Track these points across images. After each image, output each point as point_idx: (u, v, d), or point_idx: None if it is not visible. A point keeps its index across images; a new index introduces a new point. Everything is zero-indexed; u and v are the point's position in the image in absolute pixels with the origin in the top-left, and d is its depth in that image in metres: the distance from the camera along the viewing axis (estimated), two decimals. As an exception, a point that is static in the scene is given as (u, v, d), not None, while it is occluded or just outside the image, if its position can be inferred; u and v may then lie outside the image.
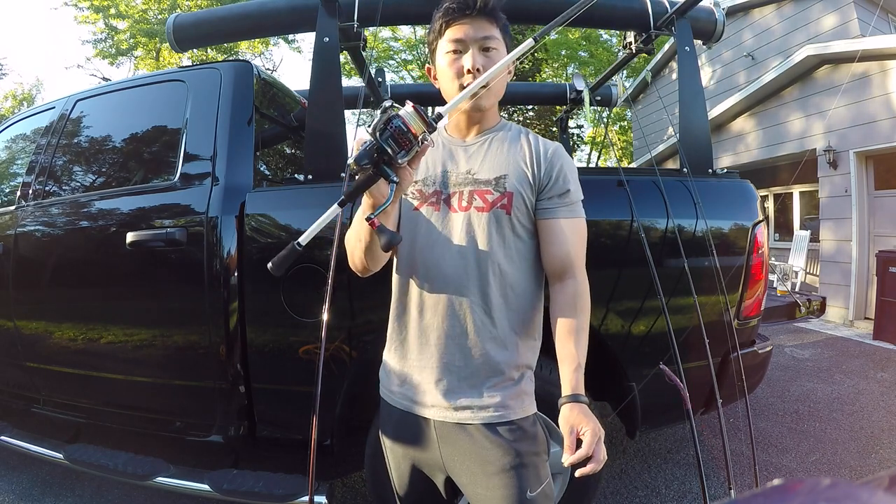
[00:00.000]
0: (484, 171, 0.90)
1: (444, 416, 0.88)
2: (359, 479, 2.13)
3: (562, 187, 0.90)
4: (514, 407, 0.89)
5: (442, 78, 0.92)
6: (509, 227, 0.88)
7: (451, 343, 0.88)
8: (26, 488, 2.11)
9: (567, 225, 0.90)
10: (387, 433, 0.98)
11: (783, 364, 3.91)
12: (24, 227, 1.88)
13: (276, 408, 1.61)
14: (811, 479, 0.18)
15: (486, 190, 0.89)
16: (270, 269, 0.76)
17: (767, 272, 1.71)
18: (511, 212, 0.88)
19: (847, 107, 5.53)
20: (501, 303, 0.88)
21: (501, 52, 0.89)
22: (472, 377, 0.88)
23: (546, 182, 0.90)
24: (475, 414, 0.88)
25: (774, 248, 7.72)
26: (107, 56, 13.18)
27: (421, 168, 0.93)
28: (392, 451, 0.97)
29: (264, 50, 15.00)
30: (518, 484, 0.86)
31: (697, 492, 2.07)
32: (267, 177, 2.04)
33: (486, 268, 0.87)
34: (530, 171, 0.90)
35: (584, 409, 0.79)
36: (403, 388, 0.93)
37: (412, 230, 0.91)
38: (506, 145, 0.93)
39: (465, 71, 0.86)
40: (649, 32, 1.95)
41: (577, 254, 0.90)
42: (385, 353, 0.98)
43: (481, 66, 0.86)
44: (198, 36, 2.07)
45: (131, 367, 1.70)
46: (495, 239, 0.87)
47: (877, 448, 2.46)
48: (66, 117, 1.98)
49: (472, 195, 0.89)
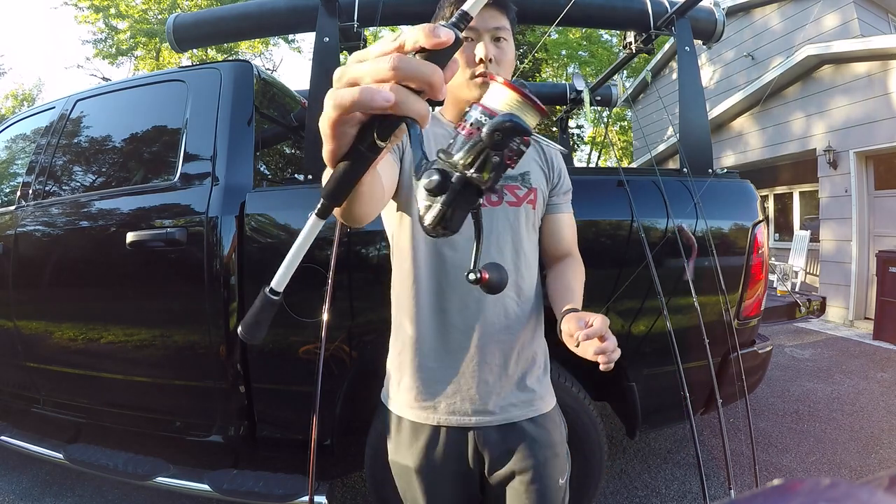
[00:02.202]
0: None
1: (488, 421, 0.85)
2: (359, 479, 2.13)
3: (566, 186, 0.97)
4: (547, 398, 0.91)
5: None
6: (533, 222, 0.91)
7: (491, 341, 0.85)
8: (26, 488, 2.11)
9: (569, 218, 0.98)
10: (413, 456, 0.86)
11: (783, 364, 3.91)
12: (24, 227, 1.88)
13: (276, 408, 1.61)
14: (811, 479, 0.18)
15: (515, 185, 0.89)
16: (243, 336, 0.46)
17: (767, 272, 1.71)
18: (535, 206, 0.91)
19: (847, 107, 5.53)
20: (530, 295, 0.90)
21: (511, 44, 0.88)
22: (512, 373, 0.87)
23: (556, 182, 0.96)
24: (520, 411, 0.87)
25: (774, 248, 7.72)
26: (107, 56, 13.18)
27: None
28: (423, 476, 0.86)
29: (264, 50, 15.01)
30: (552, 474, 0.87)
31: (697, 492, 2.07)
32: (267, 177, 2.04)
33: (519, 261, 0.88)
34: (544, 171, 0.95)
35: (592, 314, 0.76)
36: (435, 402, 0.85)
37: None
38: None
39: (478, 60, 0.84)
40: (649, 32, 1.95)
41: (574, 238, 0.99)
42: (398, 366, 0.89)
43: (493, 57, 0.84)
44: (198, 36, 2.08)
45: (131, 367, 1.70)
46: (524, 233, 0.89)
47: (877, 448, 2.46)
48: (66, 117, 1.98)
49: (502, 189, 0.89)
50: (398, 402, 0.89)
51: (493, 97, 0.40)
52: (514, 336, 0.87)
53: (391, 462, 0.91)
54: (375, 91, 0.33)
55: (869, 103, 5.28)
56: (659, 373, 1.53)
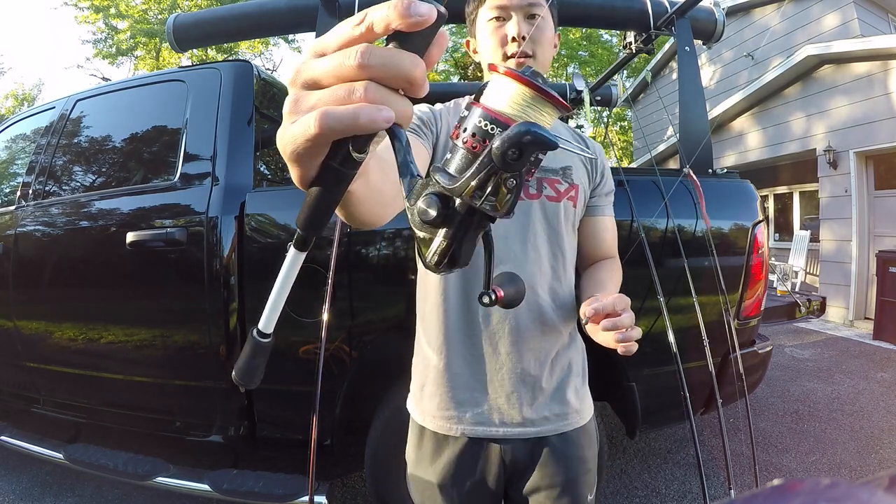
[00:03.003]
0: (548, 159, 0.82)
1: (517, 434, 0.78)
2: (359, 479, 2.13)
3: (609, 186, 0.91)
4: (584, 410, 0.83)
5: (483, 48, 0.83)
6: (572, 221, 0.84)
7: (523, 348, 0.78)
8: (26, 488, 2.11)
9: (611, 222, 0.91)
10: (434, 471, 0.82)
11: (783, 364, 3.91)
12: (24, 227, 1.88)
13: (276, 408, 1.61)
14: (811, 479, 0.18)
15: (555, 179, 0.82)
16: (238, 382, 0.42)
17: (767, 272, 1.71)
18: (577, 205, 0.84)
19: (847, 107, 5.53)
20: (567, 298, 0.83)
21: (547, 21, 0.81)
22: (547, 383, 0.80)
23: (599, 181, 0.89)
24: (553, 425, 0.79)
25: (774, 248, 7.72)
26: (107, 56, 13.17)
27: None
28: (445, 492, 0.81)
29: (264, 50, 15.00)
30: (581, 492, 0.80)
31: (697, 492, 2.07)
32: (267, 177, 2.04)
33: (556, 262, 0.82)
34: (587, 168, 0.88)
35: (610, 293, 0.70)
36: (460, 412, 0.79)
37: None
38: (562, 134, 0.89)
39: (510, 39, 0.78)
40: (649, 32, 1.95)
41: (615, 247, 0.93)
42: (422, 370, 0.85)
43: (527, 34, 0.77)
44: (198, 36, 2.08)
45: (131, 367, 1.70)
46: (563, 231, 0.82)
47: (877, 448, 2.46)
48: (66, 117, 1.98)
49: (542, 183, 0.81)
50: (421, 411, 0.84)
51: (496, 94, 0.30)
52: (550, 343, 0.80)
53: (410, 475, 0.86)
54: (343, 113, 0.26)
55: (869, 103, 5.28)
56: (659, 373, 1.53)
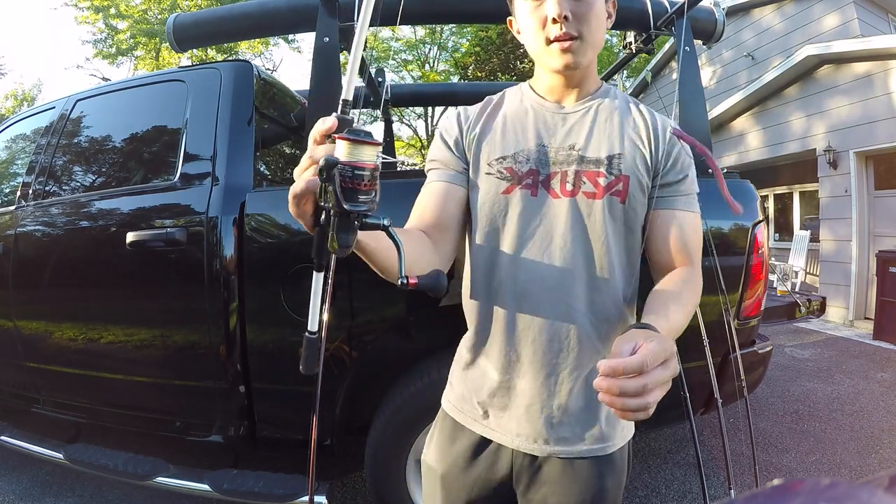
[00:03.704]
0: (592, 148, 0.73)
1: (530, 449, 0.74)
2: (359, 479, 2.13)
3: (680, 172, 0.74)
4: (613, 438, 0.75)
5: (525, 31, 0.75)
6: (622, 220, 0.72)
7: (549, 362, 0.72)
8: (26, 488, 2.11)
9: (685, 218, 0.74)
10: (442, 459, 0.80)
11: (783, 364, 3.91)
12: (24, 227, 1.88)
13: (276, 408, 1.61)
14: (811, 479, 0.18)
15: (598, 171, 0.71)
16: (304, 372, 0.65)
17: (767, 272, 1.71)
18: (626, 200, 0.72)
19: (847, 107, 5.53)
20: (612, 312, 0.73)
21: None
22: (570, 403, 0.73)
23: (665, 165, 0.74)
24: (571, 448, 0.73)
25: (774, 248, 7.72)
26: (107, 56, 13.18)
27: (508, 138, 0.75)
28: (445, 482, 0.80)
29: (264, 50, 15.00)
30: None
31: (697, 492, 2.07)
32: (267, 177, 2.04)
33: (596, 269, 0.72)
34: (648, 150, 0.73)
35: (658, 335, 0.55)
36: (478, 408, 0.78)
37: (498, 218, 0.74)
38: (616, 116, 0.75)
39: (551, 20, 0.69)
40: (649, 32, 1.95)
41: (695, 248, 0.75)
42: (458, 358, 0.83)
43: (569, 13, 0.68)
44: (198, 36, 2.07)
45: (131, 367, 1.70)
46: (609, 233, 0.71)
47: (877, 448, 2.46)
48: (66, 117, 1.98)
49: (580, 177, 0.71)
50: (447, 397, 0.84)
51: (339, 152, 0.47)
52: (585, 359, 0.72)
53: (422, 458, 0.85)
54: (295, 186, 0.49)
55: (869, 103, 5.28)
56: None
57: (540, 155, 0.73)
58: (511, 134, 0.76)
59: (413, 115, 15.78)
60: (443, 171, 0.78)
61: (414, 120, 16.21)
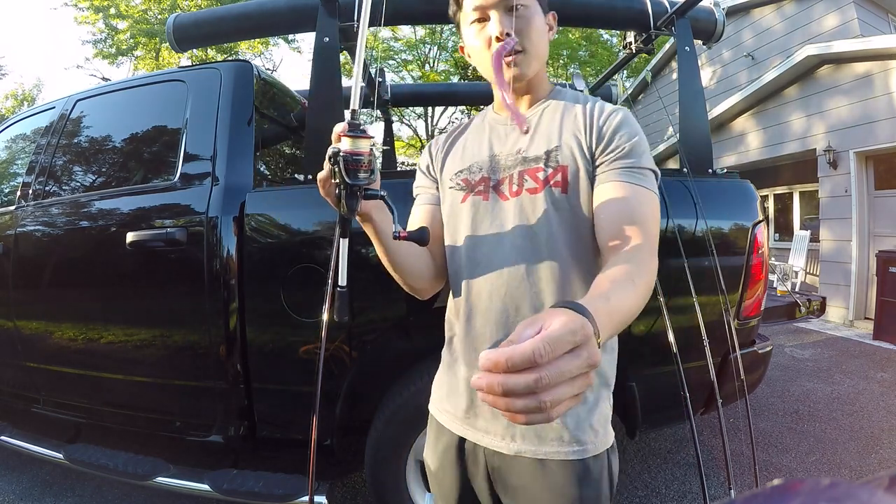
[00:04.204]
0: (534, 147, 0.76)
1: (498, 447, 0.75)
2: (359, 479, 2.13)
3: (617, 146, 0.72)
4: (584, 441, 0.73)
5: (473, 54, 0.79)
6: (568, 209, 0.72)
7: None
8: (26, 488, 2.11)
9: (628, 190, 0.69)
10: (433, 458, 0.84)
11: (783, 364, 3.91)
12: (24, 227, 1.88)
13: (276, 408, 1.61)
14: (811, 479, 0.18)
15: (537, 167, 0.74)
16: (337, 319, 0.72)
17: (767, 272, 1.71)
18: (567, 189, 0.72)
19: (847, 107, 5.53)
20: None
21: (532, 9, 0.75)
22: None
23: (598, 143, 0.73)
24: (534, 447, 0.73)
25: (774, 248, 7.72)
26: (107, 56, 13.17)
27: (467, 153, 0.83)
28: (438, 480, 0.84)
29: (264, 50, 15.00)
30: None
31: (697, 492, 2.07)
32: (267, 177, 2.04)
33: (545, 264, 0.73)
34: (584, 134, 0.74)
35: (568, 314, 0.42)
36: (453, 408, 0.81)
37: (457, 226, 0.80)
38: (558, 113, 0.78)
39: (495, 39, 0.73)
40: (649, 32, 1.95)
41: (643, 223, 0.67)
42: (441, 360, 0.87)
43: (511, 30, 0.72)
44: (198, 36, 2.07)
45: (131, 367, 1.70)
46: (554, 226, 0.72)
47: (877, 448, 2.46)
48: (66, 117, 1.98)
49: (523, 176, 0.75)
50: (432, 398, 0.88)
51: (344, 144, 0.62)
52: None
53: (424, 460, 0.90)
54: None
55: (869, 103, 5.28)
56: (659, 373, 1.53)
57: (492, 163, 0.79)
58: (469, 150, 0.83)
59: (413, 115, 15.79)
60: (423, 195, 0.88)
61: (414, 120, 16.21)
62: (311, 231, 1.52)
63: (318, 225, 1.50)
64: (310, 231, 1.52)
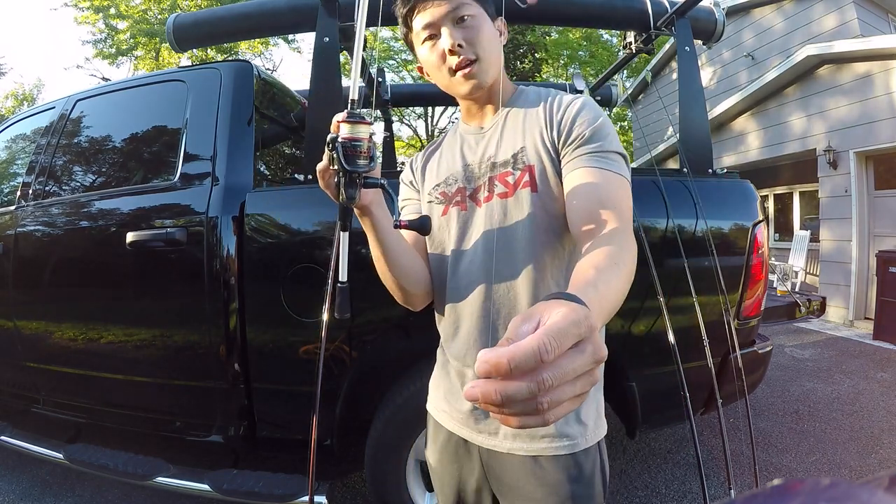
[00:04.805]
0: (502, 152, 0.77)
1: (491, 445, 0.77)
2: (359, 479, 2.13)
3: (579, 133, 0.71)
4: (573, 435, 0.73)
5: (431, 71, 0.80)
6: (541, 207, 0.73)
7: None
8: (26, 488, 2.11)
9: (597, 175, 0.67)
10: (432, 456, 0.87)
11: (783, 364, 3.91)
12: (24, 227, 1.88)
13: (276, 408, 1.61)
14: (811, 479, 0.18)
15: (506, 171, 0.75)
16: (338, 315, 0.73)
17: (767, 272, 1.71)
18: (537, 188, 0.73)
19: (847, 107, 5.53)
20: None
21: (480, 17, 0.76)
22: None
23: (559, 135, 0.73)
24: (526, 445, 0.74)
25: (774, 248, 7.72)
26: (107, 56, 13.17)
27: (442, 167, 0.85)
28: (438, 477, 0.86)
29: (264, 50, 15.00)
30: None
31: (697, 492, 2.07)
32: (267, 177, 2.04)
33: (521, 267, 0.73)
34: (546, 129, 0.74)
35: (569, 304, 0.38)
36: (449, 408, 0.83)
37: (440, 238, 0.83)
38: (521, 115, 0.79)
39: (448, 52, 0.74)
40: (649, 32, 1.95)
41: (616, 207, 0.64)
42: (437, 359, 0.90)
43: (462, 41, 0.73)
44: (198, 36, 2.07)
45: (131, 367, 1.70)
46: (528, 228, 0.73)
47: (877, 448, 2.46)
48: (66, 117, 1.98)
49: (493, 182, 0.76)
50: (429, 398, 0.89)
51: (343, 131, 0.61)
52: None
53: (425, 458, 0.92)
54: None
55: (869, 103, 5.28)
56: (659, 373, 1.53)
57: (466, 173, 0.81)
58: (444, 163, 0.86)
59: (413, 115, 15.79)
60: (410, 206, 0.90)
61: (414, 120, 16.22)
62: (311, 231, 1.52)
63: (318, 225, 1.50)
64: (310, 231, 1.52)
